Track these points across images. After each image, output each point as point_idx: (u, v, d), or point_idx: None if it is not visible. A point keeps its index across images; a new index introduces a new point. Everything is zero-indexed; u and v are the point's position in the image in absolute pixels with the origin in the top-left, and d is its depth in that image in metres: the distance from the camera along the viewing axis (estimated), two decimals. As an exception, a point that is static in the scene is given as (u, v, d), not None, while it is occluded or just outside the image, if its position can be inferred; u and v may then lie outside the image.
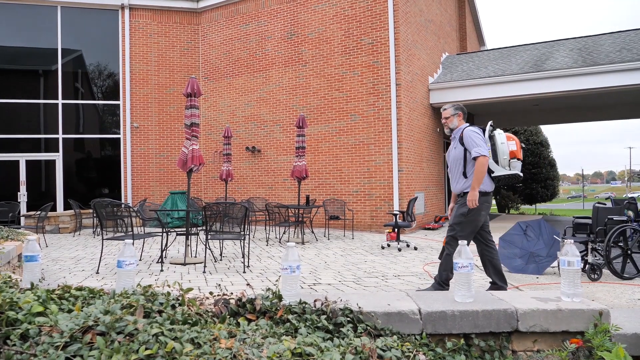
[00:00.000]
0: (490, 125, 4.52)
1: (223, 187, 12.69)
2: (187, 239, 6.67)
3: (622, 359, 2.32)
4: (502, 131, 4.52)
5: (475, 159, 4.29)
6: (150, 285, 2.60)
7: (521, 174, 4.52)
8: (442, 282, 4.40)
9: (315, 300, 2.72)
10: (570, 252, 2.91)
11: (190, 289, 2.64)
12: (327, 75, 11.82)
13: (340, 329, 2.52)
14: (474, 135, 4.36)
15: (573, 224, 6.74)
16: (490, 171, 4.43)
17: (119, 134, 13.53)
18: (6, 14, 13.02)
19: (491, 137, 4.46)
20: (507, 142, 4.42)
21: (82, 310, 2.13)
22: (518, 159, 4.46)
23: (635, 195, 43.95)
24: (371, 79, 11.20)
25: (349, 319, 2.62)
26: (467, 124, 4.57)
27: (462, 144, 4.42)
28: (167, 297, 2.45)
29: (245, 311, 2.59)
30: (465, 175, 4.42)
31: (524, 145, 4.76)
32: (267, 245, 8.59)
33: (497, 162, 4.43)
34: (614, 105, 15.55)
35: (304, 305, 2.65)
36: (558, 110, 16.80)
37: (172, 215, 10.95)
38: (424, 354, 2.44)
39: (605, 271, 5.80)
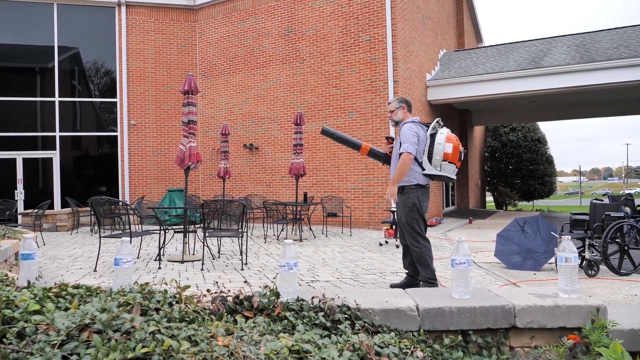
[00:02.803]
0: (437, 122, 4.46)
1: (221, 184, 12.68)
2: (184, 236, 6.66)
3: (619, 355, 2.33)
4: (447, 131, 4.41)
5: (400, 154, 4.33)
6: (147, 283, 2.59)
7: (453, 177, 4.45)
8: (430, 279, 4.42)
9: (312, 297, 2.72)
10: (567, 249, 2.91)
11: (187, 287, 2.64)
12: (324, 72, 11.80)
13: (338, 325, 2.52)
14: (409, 131, 4.38)
15: (570, 220, 6.75)
16: (422, 168, 4.43)
17: (116, 131, 13.49)
18: (2, 12, 12.95)
19: (433, 135, 4.39)
20: (444, 144, 4.32)
21: (78, 309, 2.12)
22: (450, 162, 4.36)
23: (632, 191, 44.08)
24: (369, 76, 11.19)
25: (346, 315, 2.62)
26: (415, 118, 4.58)
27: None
28: (165, 295, 2.45)
29: (243, 308, 2.58)
30: None
31: (464, 150, 4.68)
32: (265, 242, 8.58)
33: (430, 160, 4.38)
34: (611, 101, 15.58)
35: (301, 302, 2.65)
36: (555, 107, 16.83)
37: (170, 212, 10.93)
38: (422, 350, 2.44)
39: (603, 267, 5.82)
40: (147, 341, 1.87)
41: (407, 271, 4.75)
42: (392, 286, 4.64)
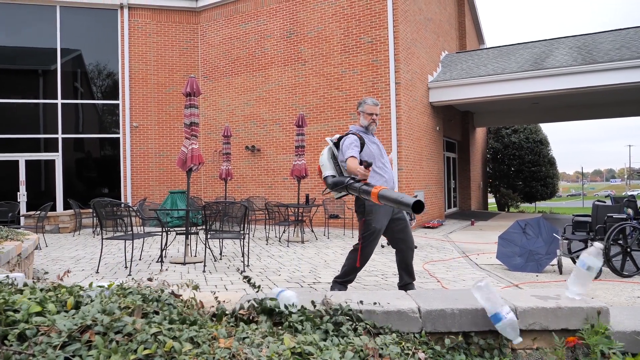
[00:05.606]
0: None
1: (222, 186, 12.69)
2: (186, 238, 6.66)
3: (621, 357, 2.32)
4: None
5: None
6: (149, 285, 2.59)
7: None
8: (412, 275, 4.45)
9: (314, 299, 2.71)
10: (595, 256, 2.77)
11: (196, 286, 2.64)
12: (326, 74, 11.81)
13: (340, 327, 2.52)
14: None
15: (573, 222, 6.73)
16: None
17: (119, 133, 13.52)
18: (5, 14, 13.00)
19: None
20: None
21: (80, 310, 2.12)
22: None
23: (634, 193, 43.97)
24: (370, 78, 11.19)
25: (348, 317, 2.61)
26: None
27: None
28: (167, 297, 2.45)
29: (245, 310, 2.58)
30: None
31: None
32: (266, 244, 8.58)
33: None
34: (613, 103, 15.55)
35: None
36: (557, 109, 16.81)
37: (172, 214, 10.94)
38: (424, 352, 2.44)
39: (605, 269, 5.80)
40: (149, 343, 1.87)
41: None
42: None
